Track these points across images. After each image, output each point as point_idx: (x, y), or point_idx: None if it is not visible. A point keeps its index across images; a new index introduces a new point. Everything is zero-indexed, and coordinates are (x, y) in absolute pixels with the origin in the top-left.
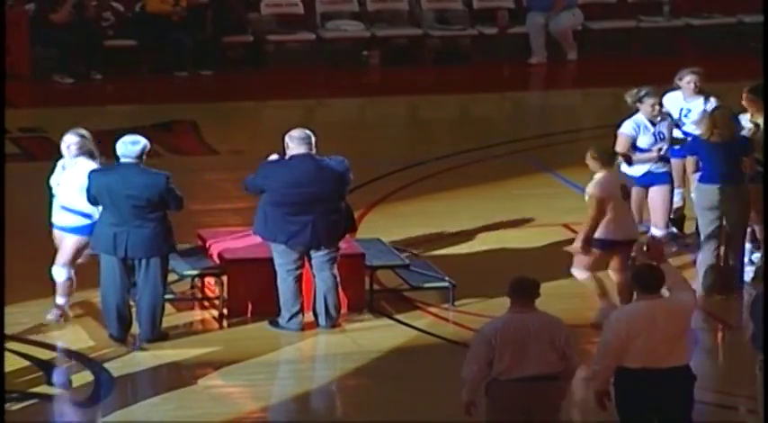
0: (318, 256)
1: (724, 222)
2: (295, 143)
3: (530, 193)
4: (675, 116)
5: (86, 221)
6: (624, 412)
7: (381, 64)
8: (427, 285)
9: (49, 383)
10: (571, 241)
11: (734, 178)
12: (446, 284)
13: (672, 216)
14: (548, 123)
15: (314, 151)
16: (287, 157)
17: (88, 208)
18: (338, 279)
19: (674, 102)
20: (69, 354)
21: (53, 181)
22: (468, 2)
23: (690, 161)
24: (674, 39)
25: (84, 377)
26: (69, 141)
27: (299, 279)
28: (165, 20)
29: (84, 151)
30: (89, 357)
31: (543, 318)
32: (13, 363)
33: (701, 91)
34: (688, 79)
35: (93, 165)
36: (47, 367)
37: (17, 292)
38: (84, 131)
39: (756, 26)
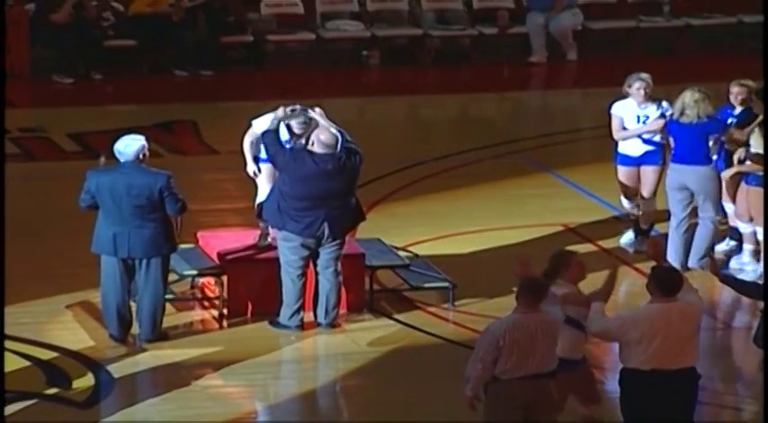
0: (326, 253)
1: (693, 202)
2: (320, 147)
3: (530, 193)
4: (633, 125)
5: None
6: (629, 413)
7: (381, 64)
8: (427, 285)
9: (49, 383)
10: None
11: (701, 159)
12: (446, 284)
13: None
14: (548, 123)
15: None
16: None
17: None
18: (341, 278)
19: (628, 109)
20: (69, 354)
21: None
22: (469, 2)
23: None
24: (674, 39)
25: (85, 377)
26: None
27: (302, 277)
28: (166, 20)
29: None
30: (89, 357)
31: (548, 318)
32: (13, 363)
33: (651, 96)
34: (637, 86)
35: None
36: (47, 367)
37: (17, 292)
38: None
39: (756, 26)
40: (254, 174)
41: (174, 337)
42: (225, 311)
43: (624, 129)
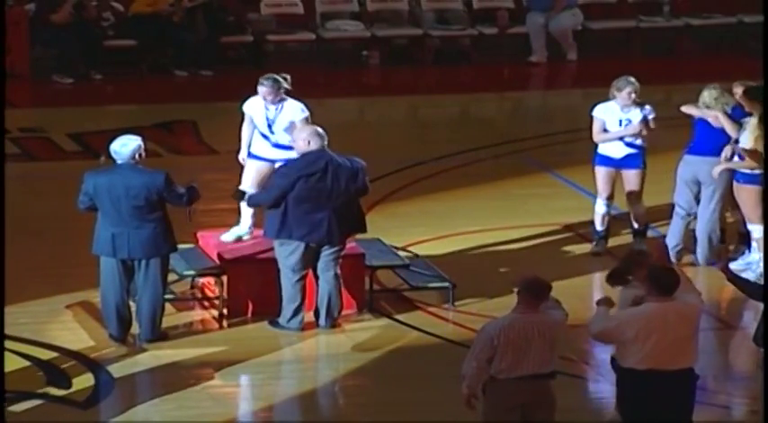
0: (326, 255)
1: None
2: (316, 140)
3: (530, 193)
4: (615, 128)
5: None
6: (628, 413)
7: (381, 64)
8: (427, 285)
9: (49, 383)
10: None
11: (719, 151)
12: (446, 284)
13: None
14: (548, 123)
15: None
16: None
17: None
18: (341, 279)
19: (611, 112)
20: (69, 354)
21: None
22: (468, 2)
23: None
24: (674, 39)
25: (85, 377)
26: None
27: (302, 279)
28: (166, 20)
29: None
30: (89, 357)
31: (547, 319)
32: (13, 363)
33: (636, 101)
34: (628, 90)
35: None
36: (47, 367)
37: (17, 292)
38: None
39: (756, 26)
40: (243, 161)
41: (174, 337)
42: (225, 311)
43: (606, 131)
